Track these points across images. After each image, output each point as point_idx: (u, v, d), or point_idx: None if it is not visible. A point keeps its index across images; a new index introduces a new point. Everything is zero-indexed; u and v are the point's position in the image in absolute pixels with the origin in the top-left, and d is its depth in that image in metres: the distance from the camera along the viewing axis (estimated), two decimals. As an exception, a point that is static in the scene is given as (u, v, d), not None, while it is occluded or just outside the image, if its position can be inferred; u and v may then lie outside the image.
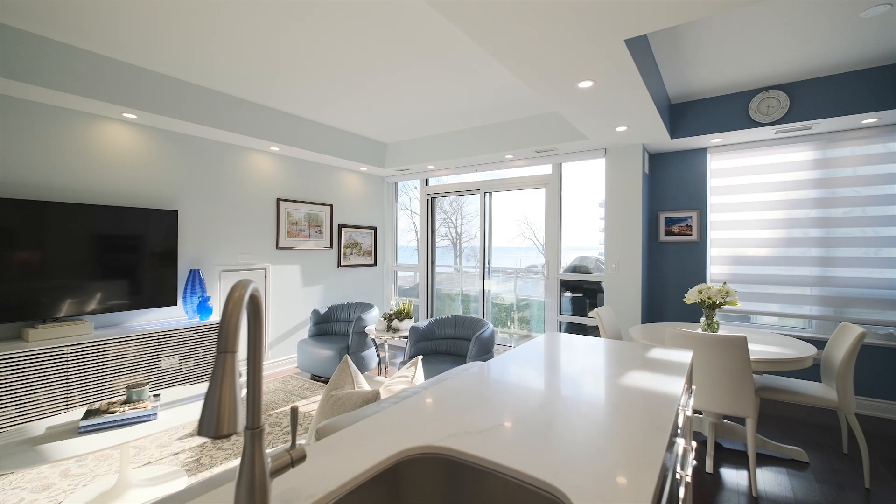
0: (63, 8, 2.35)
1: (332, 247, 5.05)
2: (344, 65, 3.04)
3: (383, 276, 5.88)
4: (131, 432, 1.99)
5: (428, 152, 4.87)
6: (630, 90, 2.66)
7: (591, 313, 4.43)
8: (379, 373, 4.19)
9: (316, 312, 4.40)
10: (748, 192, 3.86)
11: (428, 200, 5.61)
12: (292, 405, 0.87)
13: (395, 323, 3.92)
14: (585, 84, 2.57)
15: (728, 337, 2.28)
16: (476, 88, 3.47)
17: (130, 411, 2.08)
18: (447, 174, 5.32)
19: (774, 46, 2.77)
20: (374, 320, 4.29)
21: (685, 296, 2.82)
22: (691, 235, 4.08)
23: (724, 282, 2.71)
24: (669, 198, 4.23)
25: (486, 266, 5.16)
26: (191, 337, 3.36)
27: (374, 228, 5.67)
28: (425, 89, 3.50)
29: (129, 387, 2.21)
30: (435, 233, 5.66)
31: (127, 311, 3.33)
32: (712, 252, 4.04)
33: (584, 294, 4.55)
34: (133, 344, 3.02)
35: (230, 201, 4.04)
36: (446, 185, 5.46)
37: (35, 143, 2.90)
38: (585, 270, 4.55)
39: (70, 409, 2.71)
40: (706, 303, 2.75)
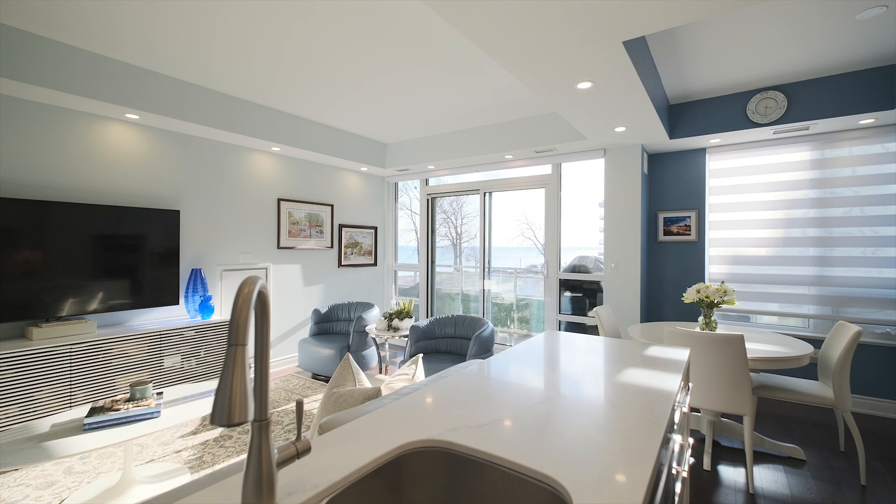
0: (64, 8, 2.37)
1: (332, 246, 5.07)
2: (344, 65, 3.06)
3: (384, 275, 5.91)
4: (136, 429, 2.01)
5: (428, 153, 4.90)
6: (628, 91, 2.68)
7: (591, 313, 4.46)
8: (380, 371, 4.22)
9: (317, 312, 4.43)
10: (746, 192, 3.88)
11: (428, 200, 5.63)
12: (297, 399, 0.89)
13: (396, 322, 3.94)
14: (584, 85, 2.59)
15: (725, 335, 2.31)
16: (476, 89, 3.50)
17: (134, 409, 2.10)
18: (447, 174, 5.34)
19: (772, 47, 2.79)
20: (374, 319, 4.31)
21: (683, 295, 2.84)
22: (690, 235, 4.10)
23: (721, 281, 2.74)
24: (668, 198, 4.25)
25: (485, 266, 5.18)
26: (192, 336, 3.38)
27: (375, 228, 5.69)
28: (425, 90, 3.52)
29: (132, 384, 2.24)
30: (435, 233, 5.68)
31: (129, 311, 3.36)
32: (711, 252, 4.06)
33: (584, 293, 4.57)
34: (136, 343, 3.05)
35: (232, 201, 4.06)
36: (446, 185, 5.48)
37: (38, 143, 2.92)
38: (585, 270, 4.57)
39: (74, 407, 2.73)
40: (704, 302, 2.78)
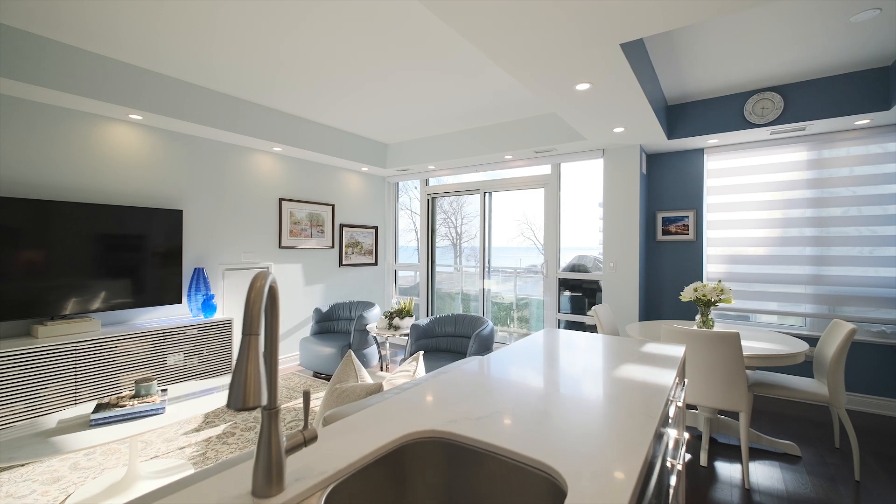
0: (65, 9, 2.40)
1: (333, 246, 5.10)
2: (345, 66, 3.10)
3: (384, 275, 5.94)
4: (141, 425, 2.04)
5: (428, 153, 4.93)
6: (626, 93, 2.71)
7: (590, 311, 4.49)
8: (380, 369, 4.25)
9: (318, 311, 4.46)
10: (744, 192, 3.91)
11: (428, 200, 5.66)
12: (305, 389, 0.93)
13: (397, 321, 3.97)
14: (582, 86, 2.62)
15: (721, 333, 2.34)
16: (476, 90, 3.53)
17: (140, 405, 2.14)
18: (447, 174, 5.38)
19: (768, 49, 2.83)
20: (375, 318, 4.35)
21: (681, 294, 2.88)
22: (688, 235, 4.14)
23: (719, 280, 2.78)
24: (667, 197, 4.28)
25: (485, 265, 5.21)
26: (195, 334, 3.41)
27: (375, 228, 5.72)
28: (426, 90, 3.55)
29: (137, 381, 2.27)
30: (435, 232, 5.72)
31: (132, 309, 3.39)
32: (709, 251, 4.10)
33: (583, 293, 4.61)
34: (139, 341, 3.08)
35: (233, 201, 4.09)
36: (446, 185, 5.52)
37: (41, 143, 2.95)
38: (584, 269, 4.61)
39: (79, 404, 2.77)
40: (701, 300, 2.81)
